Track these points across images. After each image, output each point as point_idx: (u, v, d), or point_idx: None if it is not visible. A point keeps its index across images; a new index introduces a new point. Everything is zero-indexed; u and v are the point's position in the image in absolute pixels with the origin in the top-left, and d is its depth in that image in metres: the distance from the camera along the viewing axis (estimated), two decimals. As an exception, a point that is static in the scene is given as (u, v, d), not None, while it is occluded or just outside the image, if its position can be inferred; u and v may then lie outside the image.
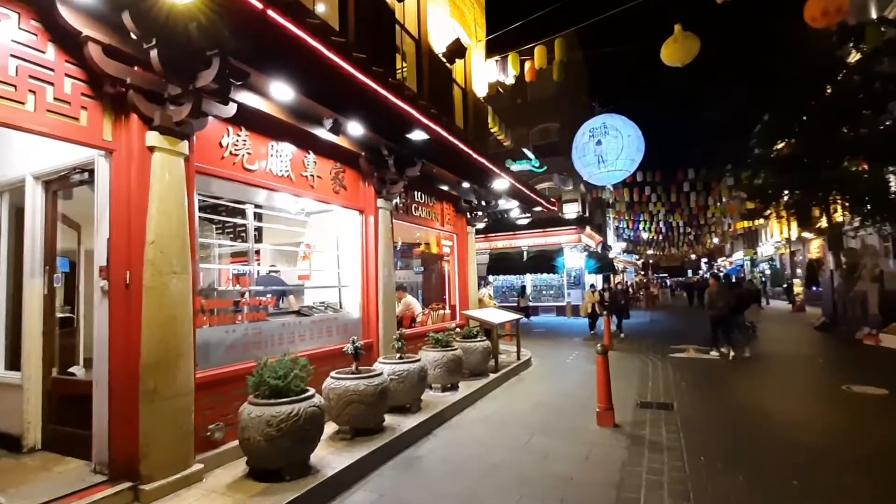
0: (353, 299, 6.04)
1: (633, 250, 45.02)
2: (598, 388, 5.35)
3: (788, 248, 26.08)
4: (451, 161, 6.60)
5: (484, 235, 23.08)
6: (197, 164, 3.89)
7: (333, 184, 5.57)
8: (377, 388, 4.38)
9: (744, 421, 5.50)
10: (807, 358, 10.04)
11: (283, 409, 3.41)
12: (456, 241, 8.99)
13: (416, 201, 7.62)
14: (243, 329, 4.32)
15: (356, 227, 6.07)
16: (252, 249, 4.79)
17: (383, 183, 6.09)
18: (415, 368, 5.21)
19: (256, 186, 4.55)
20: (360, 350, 4.56)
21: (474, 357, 7.08)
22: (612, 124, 14.90)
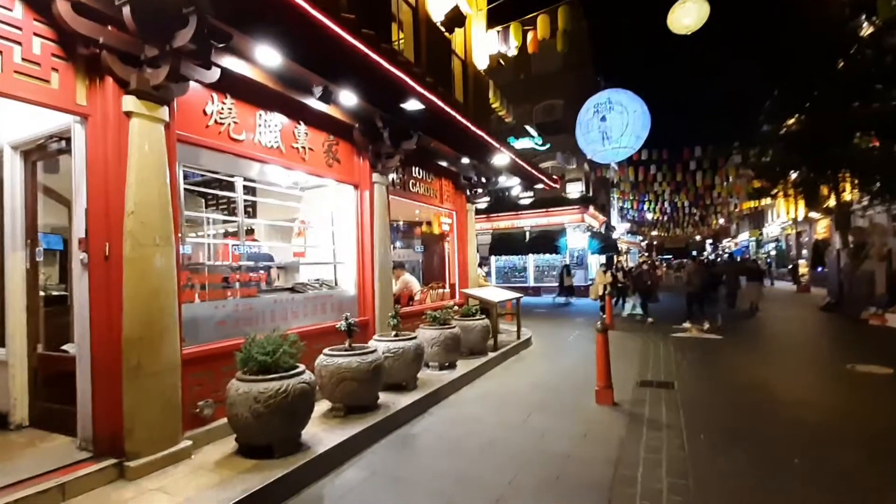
0: (349, 276, 5.91)
1: (637, 231, 44.70)
2: (597, 366, 5.25)
3: (795, 228, 25.72)
4: (450, 134, 6.39)
5: (486, 215, 22.87)
6: (179, 132, 3.72)
7: (326, 157, 5.39)
8: (371, 365, 4.29)
9: (745, 399, 5.40)
10: (811, 337, 9.93)
11: (272, 386, 3.32)
12: (455, 218, 8.81)
13: (414, 177, 7.42)
14: (233, 305, 4.21)
15: (351, 203, 5.91)
16: (242, 224, 4.65)
17: (378, 157, 5.89)
18: (410, 346, 5.11)
19: (244, 157, 4.37)
20: (354, 327, 4.45)
21: (473, 335, 6.99)
22: (618, 99, 14.50)
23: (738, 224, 51.49)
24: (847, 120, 11.51)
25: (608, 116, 14.72)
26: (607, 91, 14.93)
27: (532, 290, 21.70)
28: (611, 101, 14.69)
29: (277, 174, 5.31)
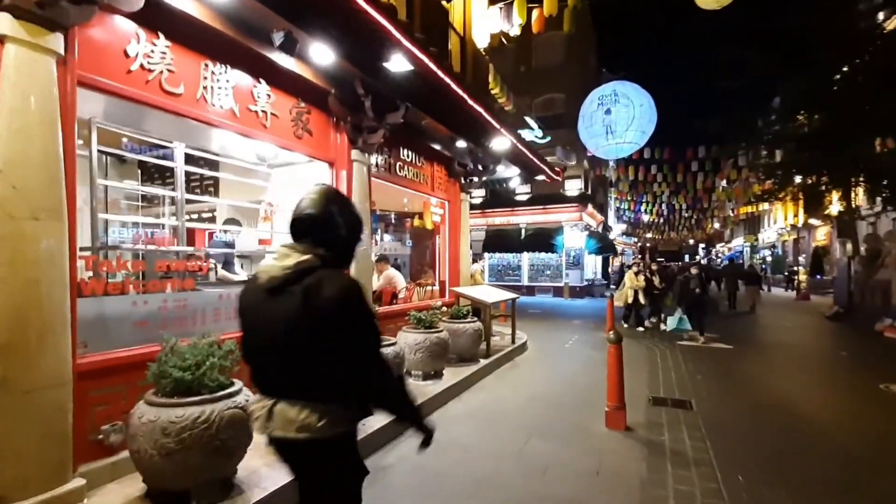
0: (320, 269, 5.05)
1: (633, 233, 44.14)
2: (608, 382, 4.44)
3: (797, 233, 25.15)
4: (443, 109, 5.54)
5: (481, 211, 22.09)
6: (84, 73, 2.84)
7: (295, 126, 4.51)
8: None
9: (776, 424, 4.63)
10: (828, 350, 9.22)
11: (188, 413, 2.46)
12: (448, 208, 7.96)
13: (402, 160, 6.56)
14: (160, 300, 3.33)
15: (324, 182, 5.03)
16: (181, 202, 3.76)
17: (359, 130, 5.03)
18: (388, 353, 4.27)
19: (182, 116, 3.49)
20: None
21: (463, 340, 6.17)
22: (623, 92, 13.73)
23: (733, 229, 51.19)
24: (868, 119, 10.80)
25: (613, 109, 13.95)
26: (613, 83, 14.14)
27: (526, 289, 20.94)
28: (616, 94, 13.91)
29: (233, 144, 4.43)
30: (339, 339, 1.41)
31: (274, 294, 1.46)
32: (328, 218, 1.54)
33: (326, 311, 1.40)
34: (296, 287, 1.42)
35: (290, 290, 1.43)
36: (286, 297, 1.43)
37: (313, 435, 1.42)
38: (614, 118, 13.62)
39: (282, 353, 1.46)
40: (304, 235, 1.53)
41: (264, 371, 1.55)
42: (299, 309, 1.40)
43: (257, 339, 1.55)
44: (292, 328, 1.42)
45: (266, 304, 1.47)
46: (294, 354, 1.44)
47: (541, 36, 22.22)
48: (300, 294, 1.41)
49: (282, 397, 1.47)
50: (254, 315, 1.55)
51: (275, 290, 1.46)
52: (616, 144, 13.99)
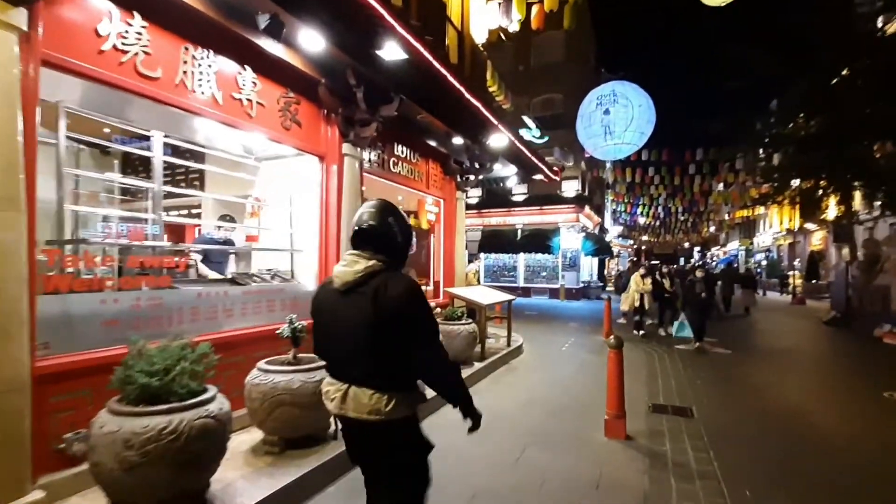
0: (309, 267, 4.84)
1: (629, 235, 44.11)
2: (608, 389, 4.25)
3: (792, 237, 25.12)
4: (439, 102, 5.34)
5: (477, 211, 21.91)
6: (50, 51, 2.62)
7: (282, 117, 4.30)
8: (318, 385, 3.21)
9: (781, 433, 4.45)
10: (827, 356, 9.09)
11: (154, 423, 2.24)
12: (443, 207, 7.76)
13: (397, 155, 6.35)
14: (132, 298, 3.11)
15: (314, 178, 4.82)
16: (158, 193, 3.54)
17: (351, 123, 4.82)
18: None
19: (160, 102, 3.27)
20: (301, 332, 3.39)
21: (457, 342, 5.97)
22: (623, 92, 13.59)
23: (728, 233, 51.29)
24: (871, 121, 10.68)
25: (612, 110, 13.80)
26: (612, 83, 13.98)
27: (522, 290, 20.77)
28: (615, 94, 13.76)
29: (218, 134, 4.20)
30: (403, 332, 1.62)
31: (346, 295, 1.69)
32: (387, 229, 1.76)
33: (392, 307, 1.60)
34: (365, 288, 1.65)
35: (360, 291, 1.65)
36: (357, 297, 1.65)
37: (383, 417, 1.63)
38: (613, 118, 13.47)
39: (353, 345, 1.67)
40: (367, 244, 1.74)
41: (338, 360, 1.77)
42: (369, 307, 1.61)
43: (331, 333, 1.76)
44: (363, 323, 1.63)
45: (339, 303, 1.71)
46: (364, 346, 1.64)
47: (540, 35, 22.08)
48: (370, 294, 1.62)
49: (354, 383, 1.67)
50: (329, 313, 1.78)
51: (347, 291, 1.68)
52: (614, 145, 13.85)
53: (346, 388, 1.68)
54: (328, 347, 1.81)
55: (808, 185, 14.26)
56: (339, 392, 1.70)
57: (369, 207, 1.79)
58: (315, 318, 1.86)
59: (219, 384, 3.68)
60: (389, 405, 1.63)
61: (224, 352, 3.67)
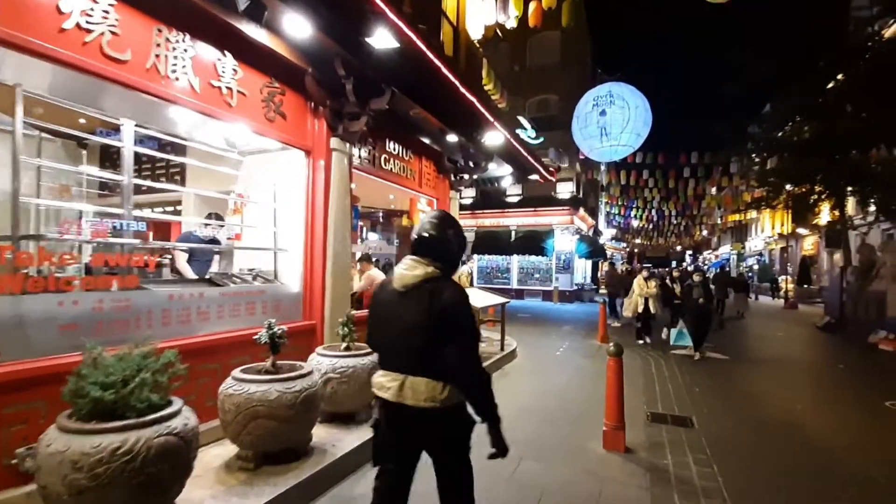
0: (293, 268, 4.59)
1: (622, 238, 44.14)
2: (607, 399, 4.05)
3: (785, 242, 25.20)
4: (433, 96, 5.11)
5: (471, 211, 21.72)
6: (4, 28, 2.37)
7: (266, 108, 4.05)
8: (300, 395, 2.98)
9: (785, 444, 4.28)
10: (825, 362, 8.98)
11: (105, 443, 1.99)
12: (436, 206, 7.53)
13: (389, 152, 6.12)
14: (93, 299, 2.84)
15: (300, 174, 4.58)
16: (128, 187, 3.28)
17: (339, 116, 4.58)
18: (365, 364, 3.82)
19: (129, 88, 3.01)
20: (280, 338, 3.14)
21: (449, 347, 5.74)
22: (619, 93, 13.46)
23: (720, 237, 51.54)
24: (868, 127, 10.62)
25: (608, 111, 13.66)
26: (608, 84, 13.86)
27: (515, 292, 20.59)
28: (612, 95, 13.63)
29: (196, 125, 3.94)
30: (448, 333, 1.80)
31: (405, 295, 1.89)
32: (445, 239, 1.96)
33: (443, 309, 1.81)
34: (422, 291, 1.85)
35: (418, 293, 1.85)
36: (415, 298, 1.85)
37: (438, 404, 1.83)
38: (609, 120, 13.32)
39: (410, 339, 1.86)
40: (426, 252, 1.92)
41: (395, 353, 1.93)
42: (425, 308, 1.82)
43: (389, 329, 1.94)
44: (418, 322, 1.83)
45: (398, 303, 1.90)
46: (419, 342, 1.84)
47: (535, 35, 21.98)
48: (426, 296, 1.83)
49: (410, 374, 1.85)
50: (387, 311, 1.96)
51: (406, 292, 1.88)
52: (610, 147, 13.70)
53: (402, 378, 1.87)
54: (384, 342, 2.00)
55: (802, 190, 14.21)
56: (396, 382, 1.87)
57: (431, 218, 1.99)
58: (373, 314, 2.08)
59: (192, 394, 3.45)
60: (444, 393, 1.84)
61: (198, 358, 3.43)
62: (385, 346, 2.00)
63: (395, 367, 1.91)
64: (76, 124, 3.87)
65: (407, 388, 1.85)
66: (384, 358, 2.00)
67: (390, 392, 1.87)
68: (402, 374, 1.87)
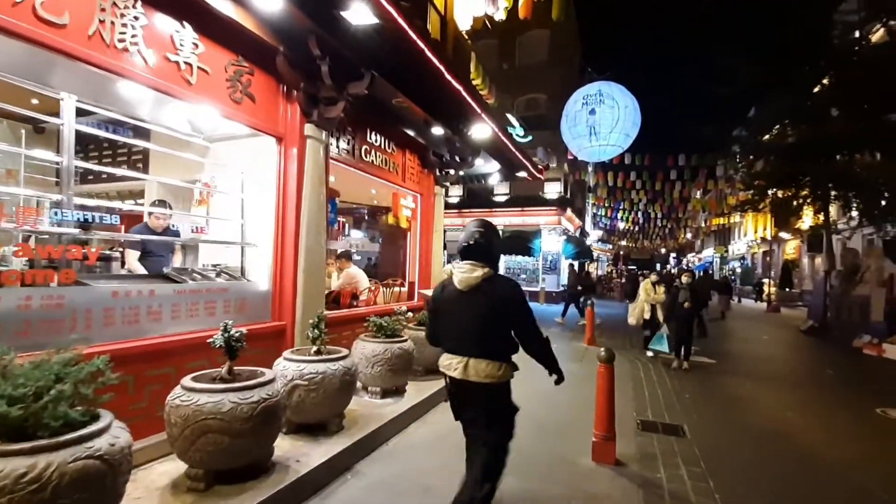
0: (262, 264, 4.24)
1: (608, 240, 44.32)
2: (597, 408, 3.80)
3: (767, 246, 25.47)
4: (416, 83, 4.80)
5: (458, 210, 21.47)
6: None
7: (231, 88, 3.70)
8: (256, 406, 2.65)
9: (781, 457, 4.07)
10: (812, 367, 8.90)
11: (9, 469, 1.64)
12: (420, 202, 7.22)
13: (370, 143, 5.79)
14: (18, 297, 2.48)
15: (271, 162, 4.23)
16: (69, 171, 2.90)
17: (314, 101, 4.24)
18: (336, 370, 3.50)
19: (64, 55, 2.65)
20: (238, 342, 2.81)
21: (431, 351, 5.41)
22: (609, 92, 13.31)
23: (704, 240, 52.14)
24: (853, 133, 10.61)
25: (598, 110, 13.50)
26: (598, 83, 13.69)
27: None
28: (601, 94, 13.47)
29: (150, 103, 3.58)
30: (508, 318, 2.35)
31: (466, 293, 2.34)
32: (490, 245, 2.41)
33: (501, 300, 2.32)
34: (483, 288, 2.32)
35: (479, 291, 2.32)
36: (477, 295, 2.33)
37: (495, 380, 2.30)
38: (599, 119, 13.15)
39: (473, 329, 2.33)
40: (475, 255, 2.37)
41: (459, 341, 2.37)
42: (487, 301, 2.31)
43: (453, 321, 2.42)
44: (481, 314, 2.32)
45: (461, 299, 2.36)
46: (482, 330, 2.33)
47: (525, 34, 21.82)
48: (488, 292, 2.32)
49: (472, 357, 2.29)
50: (451, 307, 2.42)
51: (469, 291, 2.34)
52: (599, 146, 13.54)
53: (466, 360, 2.30)
54: (449, 332, 2.44)
55: (786, 195, 14.23)
56: (461, 363, 2.31)
57: (477, 227, 2.44)
58: (436, 310, 2.55)
59: (141, 401, 3.09)
60: (500, 371, 2.30)
61: (148, 363, 3.09)
62: (450, 335, 2.43)
63: (461, 352, 2.34)
64: (26, 104, 3.48)
65: (471, 367, 2.29)
66: (450, 345, 2.42)
67: (457, 371, 2.32)
68: (465, 357, 2.31)
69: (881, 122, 10.29)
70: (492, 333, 2.32)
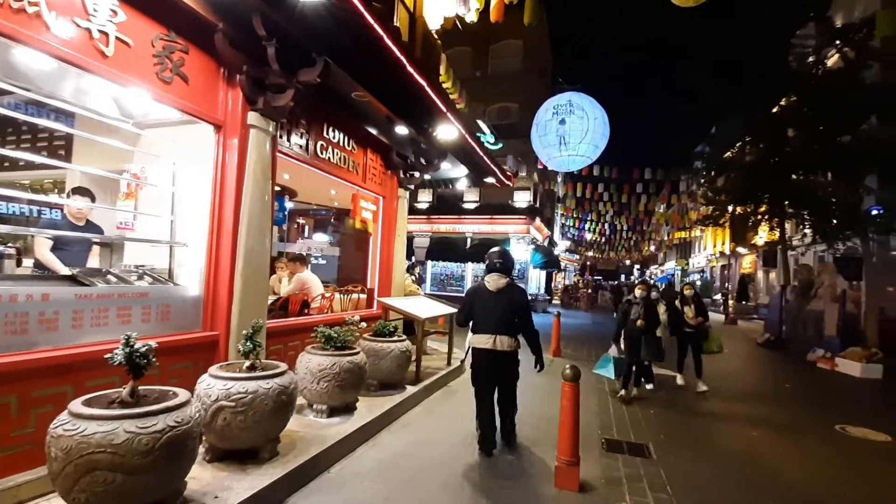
0: (194, 266, 3.77)
1: (575, 250, 44.98)
2: (560, 430, 3.51)
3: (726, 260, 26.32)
4: (377, 75, 4.46)
5: (426, 216, 21.17)
6: None
7: (160, 65, 3.25)
8: (159, 437, 2.21)
9: (752, 483, 3.87)
10: (770, 381, 8.98)
11: None
12: (382, 205, 6.84)
13: (328, 140, 5.39)
14: None
15: (208, 152, 3.78)
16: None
17: (260, 88, 3.83)
18: (270, 388, 3.07)
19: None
20: (143, 357, 2.37)
21: (387, 363, 5.06)
22: (579, 103, 13.31)
23: (666, 253, 53.75)
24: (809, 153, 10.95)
25: (568, 120, 13.49)
26: (569, 93, 13.72)
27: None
28: (572, 104, 13.47)
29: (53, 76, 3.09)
30: (519, 311, 3.97)
31: (495, 293, 3.98)
32: (509, 266, 4.17)
33: (517, 300, 3.99)
34: (505, 291, 4.00)
35: (503, 293, 3.99)
36: (502, 295, 3.97)
37: (512, 350, 3.92)
38: (569, 129, 13.14)
39: (500, 316, 3.92)
40: (501, 271, 4.07)
41: (489, 324, 3.93)
42: (508, 300, 3.96)
43: (488, 310, 3.97)
44: (505, 307, 3.93)
45: (492, 297, 3.98)
46: (506, 318, 3.92)
47: (498, 43, 21.86)
48: (508, 294, 4.00)
49: (499, 334, 3.86)
50: (487, 300, 4.00)
51: (497, 292, 3.99)
52: (569, 156, 13.51)
53: (494, 337, 3.86)
54: (482, 318, 3.99)
55: (745, 211, 14.62)
56: (490, 339, 3.86)
57: (500, 255, 4.14)
58: (474, 302, 4.08)
59: (26, 427, 2.60)
60: (514, 343, 3.93)
61: (37, 381, 2.60)
62: (484, 320, 3.96)
63: (491, 331, 3.89)
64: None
65: (498, 341, 3.85)
66: (482, 327, 3.95)
67: (488, 344, 3.87)
68: (493, 334, 3.87)
69: (834, 143, 10.63)
70: (511, 320, 3.95)
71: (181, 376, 3.43)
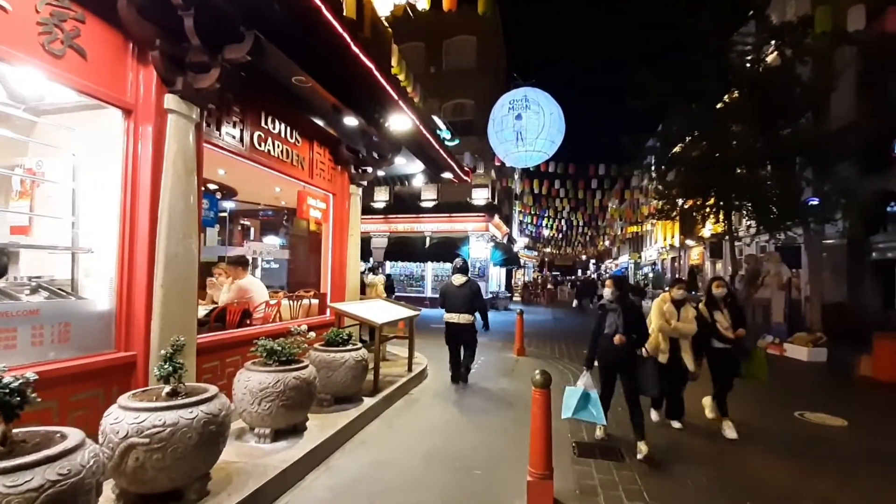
0: (104, 274, 3.20)
1: (533, 247, 45.61)
2: (531, 441, 3.22)
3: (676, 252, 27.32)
4: (319, 56, 4.00)
5: (384, 216, 20.64)
6: None
7: (46, 34, 2.68)
8: (33, 498, 1.71)
9: (725, 485, 3.74)
10: (726, 368, 9.16)
11: None
12: (332, 203, 6.35)
13: (266, 130, 4.87)
14: None
15: (116, 142, 3.21)
16: None
17: (179, 66, 3.31)
18: (194, 417, 2.58)
19: None
20: (18, 395, 1.85)
21: (340, 375, 4.61)
22: (535, 98, 13.23)
23: (620, 247, 55.58)
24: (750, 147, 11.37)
25: (524, 115, 13.38)
26: (524, 88, 13.63)
27: (429, 301, 19.75)
28: (528, 99, 13.37)
29: None
30: (475, 296, 6.55)
31: (459, 287, 6.59)
32: (467, 268, 6.88)
33: (473, 289, 6.59)
34: (467, 285, 6.60)
35: (465, 286, 6.58)
36: (464, 287, 6.57)
37: (471, 322, 6.53)
38: (525, 124, 13.05)
39: (461, 301, 6.49)
40: (462, 272, 6.70)
41: (458, 306, 6.49)
42: (468, 289, 6.56)
43: (454, 298, 6.54)
44: (467, 294, 6.52)
45: (457, 290, 6.59)
46: (467, 302, 6.49)
47: (453, 39, 21.61)
48: (468, 286, 6.59)
49: (460, 312, 6.48)
50: (454, 291, 6.59)
51: (460, 286, 6.58)
52: (526, 152, 13.43)
53: (458, 314, 6.46)
54: (451, 303, 6.52)
55: (694, 204, 15.09)
56: (456, 316, 6.45)
57: (460, 263, 6.82)
58: (445, 293, 6.67)
59: None
60: (471, 318, 6.49)
61: None
62: (452, 304, 6.49)
63: (457, 311, 6.45)
64: None
65: (460, 317, 6.43)
66: (452, 308, 6.51)
67: (454, 319, 6.46)
68: (459, 313, 6.43)
69: (774, 137, 11.05)
70: (469, 303, 6.42)
71: (88, 407, 2.88)
